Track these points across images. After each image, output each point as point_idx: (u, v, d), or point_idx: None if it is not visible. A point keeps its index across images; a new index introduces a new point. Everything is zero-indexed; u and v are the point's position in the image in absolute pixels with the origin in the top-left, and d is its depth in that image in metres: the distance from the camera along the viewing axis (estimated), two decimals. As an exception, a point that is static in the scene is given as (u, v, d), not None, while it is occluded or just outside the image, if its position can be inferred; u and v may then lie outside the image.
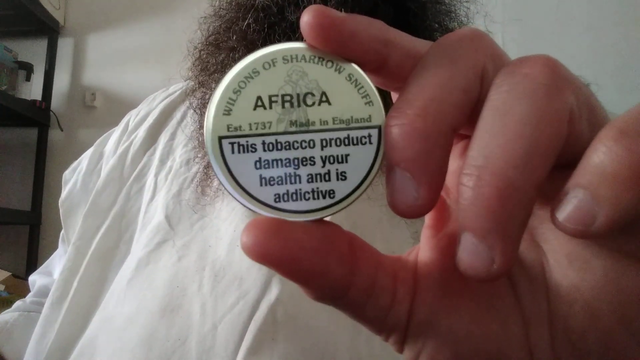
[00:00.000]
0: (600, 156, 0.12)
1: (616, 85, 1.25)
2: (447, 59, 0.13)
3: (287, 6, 0.34)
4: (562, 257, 0.15)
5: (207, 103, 0.42)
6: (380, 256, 0.15)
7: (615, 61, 1.39)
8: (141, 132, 0.47)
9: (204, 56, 0.40)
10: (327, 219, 0.14)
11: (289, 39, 0.33)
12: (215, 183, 0.38)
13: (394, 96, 0.17)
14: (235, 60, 0.35)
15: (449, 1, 0.39)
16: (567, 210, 0.12)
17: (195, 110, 0.41)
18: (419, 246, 0.17)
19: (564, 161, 0.13)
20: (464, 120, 0.13)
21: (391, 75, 0.15)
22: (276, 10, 0.34)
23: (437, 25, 0.36)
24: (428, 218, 0.17)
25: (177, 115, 0.47)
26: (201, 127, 0.39)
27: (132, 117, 0.51)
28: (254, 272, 0.32)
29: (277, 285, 0.31)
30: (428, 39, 0.38)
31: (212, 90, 0.39)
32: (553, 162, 0.12)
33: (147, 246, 0.37)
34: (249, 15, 0.35)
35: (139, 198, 0.43)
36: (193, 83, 0.42)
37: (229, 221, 0.36)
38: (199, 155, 0.39)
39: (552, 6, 1.48)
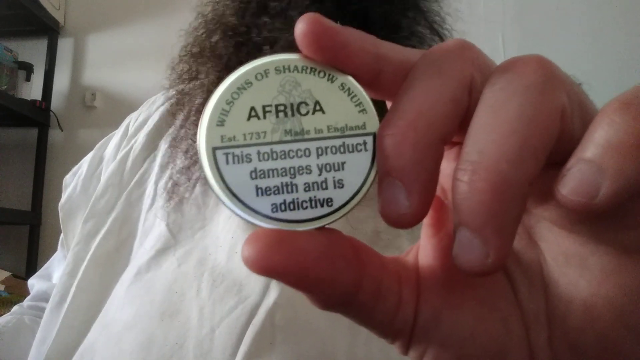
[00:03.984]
0: (605, 127, 0.12)
1: (616, 85, 1.25)
2: (434, 70, 0.13)
3: (253, 27, 0.34)
4: (559, 255, 0.15)
5: (191, 110, 0.43)
6: (383, 258, 0.15)
7: (615, 60, 1.38)
8: (141, 137, 0.47)
9: (184, 65, 0.41)
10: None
11: (255, 58, 0.34)
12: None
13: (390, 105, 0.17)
14: (209, 73, 0.36)
15: (420, 3, 0.38)
16: (570, 183, 0.12)
17: (173, 117, 0.42)
18: (418, 245, 0.17)
19: (556, 159, 0.13)
20: (454, 129, 0.13)
21: (385, 88, 0.15)
22: (244, 29, 0.35)
23: (410, 30, 0.36)
24: (428, 217, 0.17)
25: (177, 121, 0.47)
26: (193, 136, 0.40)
27: (131, 121, 0.51)
28: (253, 278, 0.32)
29: (276, 290, 0.31)
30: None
31: (190, 97, 0.40)
32: (546, 158, 0.12)
33: (147, 253, 0.37)
34: (218, 31, 0.36)
35: (139, 205, 0.43)
36: (175, 92, 0.43)
37: (227, 229, 0.36)
38: (195, 167, 0.40)
39: (552, 7, 1.48)
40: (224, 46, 0.35)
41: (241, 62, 0.13)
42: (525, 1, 1.50)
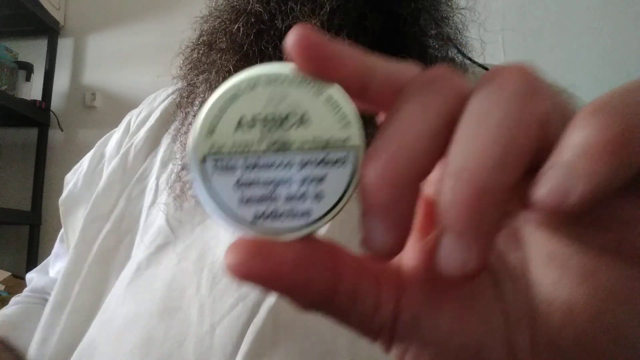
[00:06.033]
0: (577, 132, 0.12)
1: (616, 86, 1.25)
2: (417, 104, 0.14)
3: (278, 14, 0.34)
4: (543, 256, 0.15)
5: (193, 104, 0.42)
6: (362, 260, 0.16)
7: (615, 62, 1.39)
8: (142, 133, 0.47)
9: (195, 55, 0.40)
10: None
11: (276, 47, 0.34)
12: None
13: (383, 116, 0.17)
14: (224, 64, 0.36)
15: (443, 8, 0.39)
16: (544, 187, 0.12)
17: (180, 110, 0.42)
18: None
19: (540, 165, 0.13)
20: (434, 163, 0.14)
21: (374, 99, 0.15)
22: (267, 17, 0.35)
23: (434, 32, 0.36)
24: (417, 222, 0.18)
25: (179, 118, 0.47)
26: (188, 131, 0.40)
27: (133, 117, 0.51)
28: None
29: None
30: (420, 46, 0.37)
31: (199, 89, 0.40)
32: (526, 166, 0.13)
33: (147, 249, 0.37)
34: (240, 19, 0.35)
35: (140, 201, 0.43)
36: (182, 82, 0.42)
37: None
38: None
39: (552, 8, 1.48)
40: (245, 34, 0.35)
41: (261, 51, 0.14)
42: (525, 2, 1.50)
